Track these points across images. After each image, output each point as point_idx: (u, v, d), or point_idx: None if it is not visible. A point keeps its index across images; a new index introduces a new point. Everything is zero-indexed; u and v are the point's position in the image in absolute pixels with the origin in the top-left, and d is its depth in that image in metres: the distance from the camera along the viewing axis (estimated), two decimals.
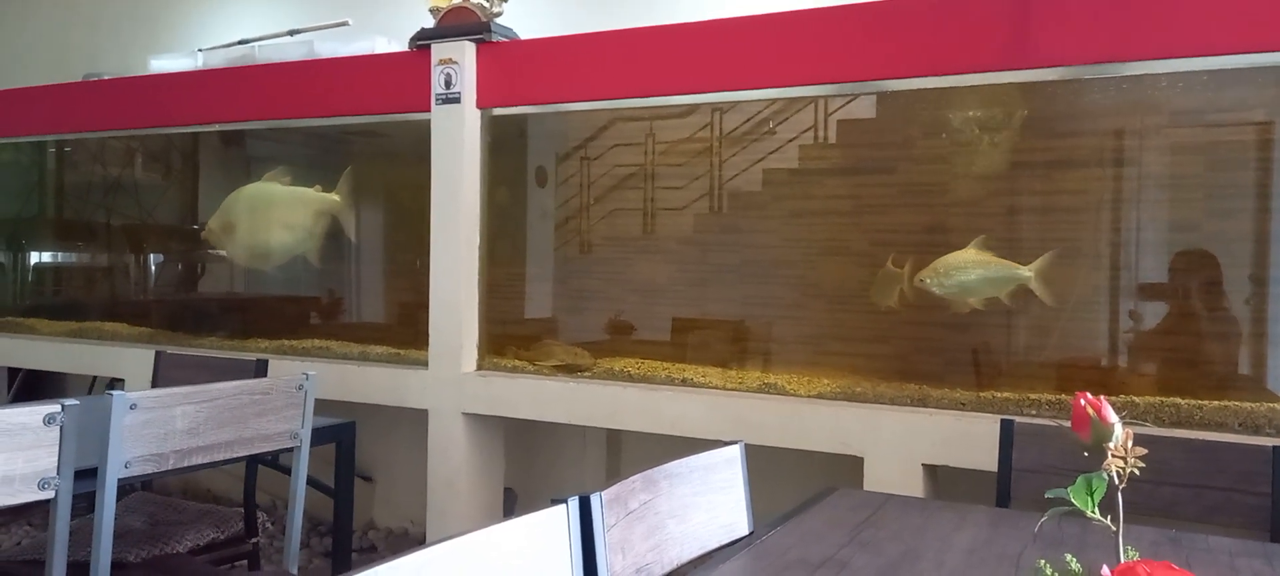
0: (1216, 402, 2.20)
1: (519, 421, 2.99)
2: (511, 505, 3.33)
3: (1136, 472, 0.96)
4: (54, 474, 1.58)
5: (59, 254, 4.69)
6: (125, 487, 2.09)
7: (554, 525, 1.20)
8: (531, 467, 3.45)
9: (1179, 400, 2.23)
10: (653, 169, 3.11)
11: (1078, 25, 2.26)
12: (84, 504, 1.76)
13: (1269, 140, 2.32)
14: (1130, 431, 0.99)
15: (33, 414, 1.56)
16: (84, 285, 4.58)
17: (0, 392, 4.42)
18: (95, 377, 4.04)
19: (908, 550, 1.38)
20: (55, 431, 1.58)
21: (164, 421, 1.77)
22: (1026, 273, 2.47)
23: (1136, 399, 2.26)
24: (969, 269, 2.50)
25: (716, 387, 2.72)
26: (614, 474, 3.32)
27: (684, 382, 2.76)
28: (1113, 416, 0.99)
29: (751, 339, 2.95)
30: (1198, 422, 2.17)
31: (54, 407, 1.57)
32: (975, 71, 2.40)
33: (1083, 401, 0.99)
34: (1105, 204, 2.52)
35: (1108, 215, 2.52)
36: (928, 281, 2.54)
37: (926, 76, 2.45)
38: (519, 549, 1.16)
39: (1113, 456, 0.96)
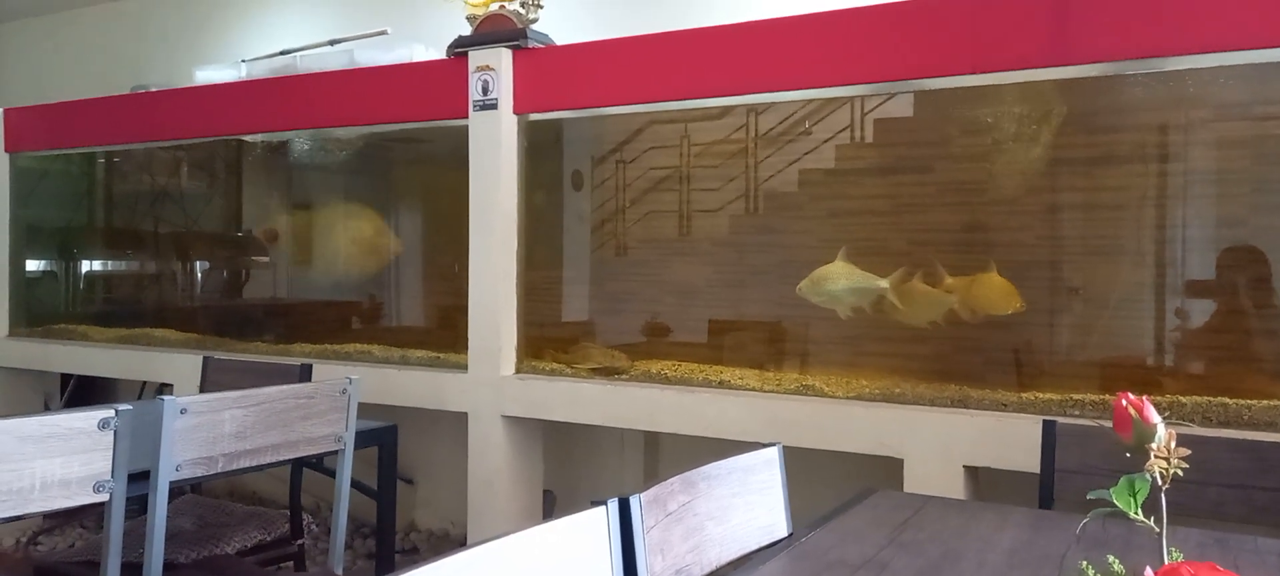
0: (1265, 402, 2.15)
1: (557, 423, 3.01)
2: (551, 507, 3.35)
3: (1181, 473, 0.95)
4: (108, 477, 1.63)
5: (109, 262, 4.81)
6: (175, 490, 2.14)
7: (594, 526, 1.21)
8: (570, 469, 3.47)
9: (1227, 399, 2.18)
10: (688, 171, 3.11)
11: (1118, 19, 2.22)
12: (135, 506, 1.81)
13: None
14: (1173, 431, 0.98)
15: (88, 418, 1.61)
16: (133, 292, 4.69)
17: (53, 398, 4.54)
18: (144, 383, 4.13)
19: (948, 551, 1.38)
20: (109, 435, 1.62)
21: (213, 425, 1.82)
22: (883, 283, 2.56)
23: (1182, 398, 2.23)
24: (836, 279, 2.56)
25: (754, 389, 2.72)
26: (652, 475, 3.33)
27: (721, 385, 2.76)
28: (1155, 416, 0.98)
29: (788, 340, 2.94)
30: (1246, 422, 2.13)
31: (108, 412, 1.62)
32: (1014, 68, 2.37)
33: (1124, 402, 0.98)
34: (1148, 201, 2.48)
35: (1151, 212, 2.48)
36: (804, 289, 2.62)
37: (964, 74, 2.43)
38: (559, 550, 1.18)
39: (1155, 457, 0.95)
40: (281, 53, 3.84)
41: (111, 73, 4.80)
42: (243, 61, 3.89)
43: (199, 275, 4.48)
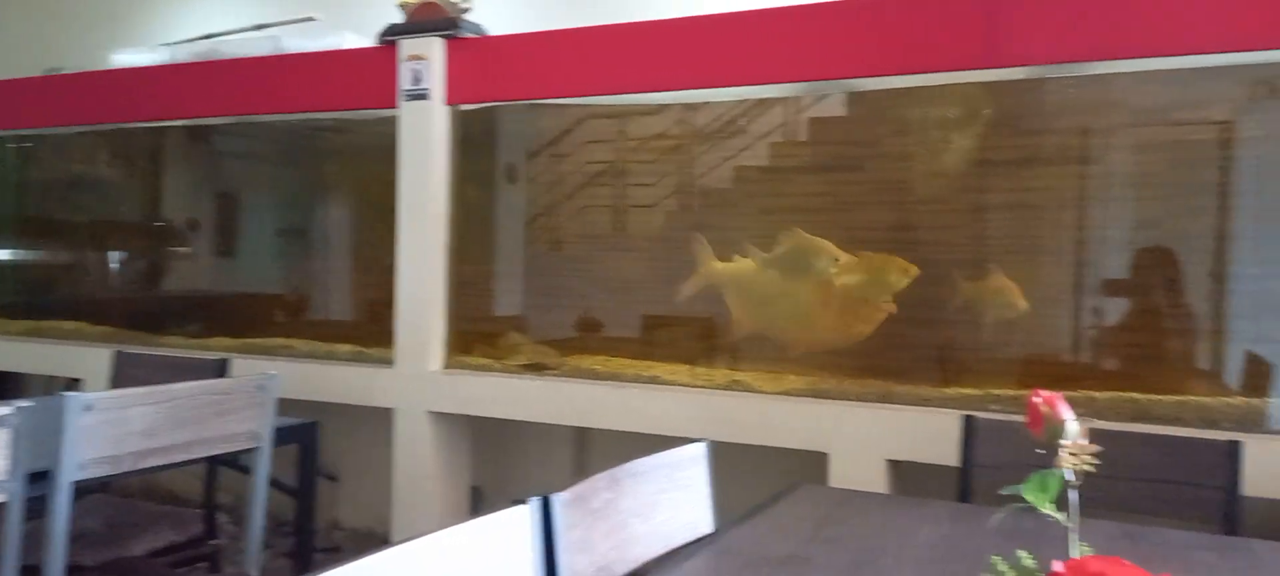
0: (1174, 397, 2.23)
1: (487, 419, 2.98)
2: (479, 503, 3.31)
3: (1092, 468, 0.97)
4: (4, 476, 1.55)
5: (17, 251, 4.60)
6: (84, 489, 2.06)
7: (516, 525, 1.19)
8: (500, 465, 3.43)
9: (1137, 395, 2.25)
10: (624, 166, 3.10)
11: (1045, 25, 2.28)
12: (40, 507, 1.72)
13: (1229, 139, 2.36)
14: (1086, 427, 1.00)
15: None
16: (43, 283, 4.49)
17: None
18: (51, 378, 3.97)
19: (869, 546, 1.39)
20: (6, 433, 1.54)
21: (120, 422, 1.74)
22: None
23: (1096, 394, 2.29)
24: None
25: (686, 385, 2.72)
26: (583, 470, 3.31)
27: (653, 380, 2.76)
28: (1067, 412, 0.99)
29: (720, 336, 2.95)
30: (1156, 417, 2.20)
31: (5, 409, 1.54)
32: (945, 70, 2.42)
33: (1037, 399, 0.99)
34: (1069, 201, 2.54)
35: (1071, 213, 2.55)
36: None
37: (897, 75, 2.47)
38: (481, 549, 1.16)
39: (1067, 453, 0.97)
40: (205, 37, 3.72)
41: (24, 55, 4.58)
42: (164, 45, 3.75)
43: (114, 266, 4.31)
